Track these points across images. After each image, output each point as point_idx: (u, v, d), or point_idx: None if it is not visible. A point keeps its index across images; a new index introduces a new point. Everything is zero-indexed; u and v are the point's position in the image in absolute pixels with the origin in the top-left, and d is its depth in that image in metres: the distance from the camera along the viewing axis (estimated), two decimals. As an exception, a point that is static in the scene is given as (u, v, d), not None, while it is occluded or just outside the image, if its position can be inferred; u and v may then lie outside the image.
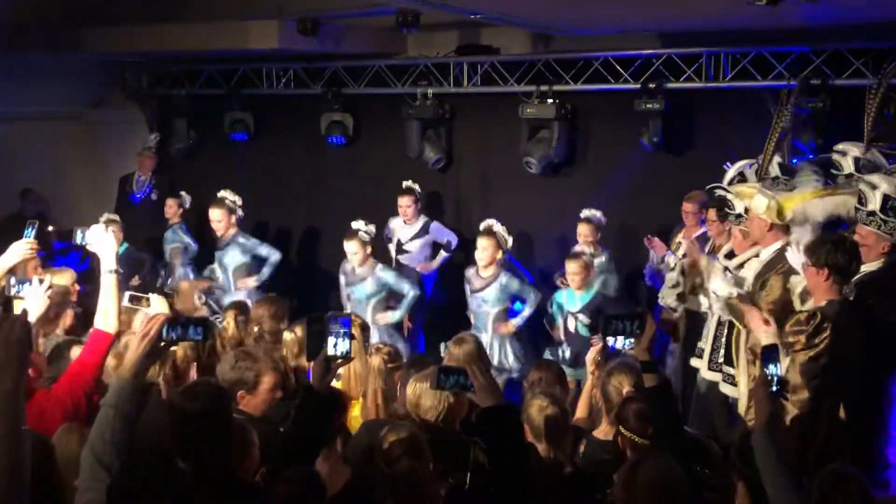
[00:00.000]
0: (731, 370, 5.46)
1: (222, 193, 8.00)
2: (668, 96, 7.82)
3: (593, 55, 8.17)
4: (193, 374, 4.22)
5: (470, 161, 9.19)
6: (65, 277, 5.18)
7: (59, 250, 7.98)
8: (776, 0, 4.87)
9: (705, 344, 5.74)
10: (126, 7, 8.52)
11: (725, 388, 5.51)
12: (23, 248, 4.14)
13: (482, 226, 7.12)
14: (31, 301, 4.15)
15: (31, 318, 4.10)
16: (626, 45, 8.08)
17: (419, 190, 8.44)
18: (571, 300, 6.79)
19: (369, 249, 7.18)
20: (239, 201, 7.98)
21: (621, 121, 8.23)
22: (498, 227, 7.02)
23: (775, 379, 3.31)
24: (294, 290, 8.40)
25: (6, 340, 2.30)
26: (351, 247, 7.13)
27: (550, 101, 8.26)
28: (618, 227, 8.50)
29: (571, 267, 6.69)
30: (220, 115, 9.89)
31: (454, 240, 8.38)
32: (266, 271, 7.94)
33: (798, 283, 4.85)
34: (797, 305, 4.80)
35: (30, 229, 4.19)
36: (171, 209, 8.87)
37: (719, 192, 5.80)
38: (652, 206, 8.18)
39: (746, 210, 5.35)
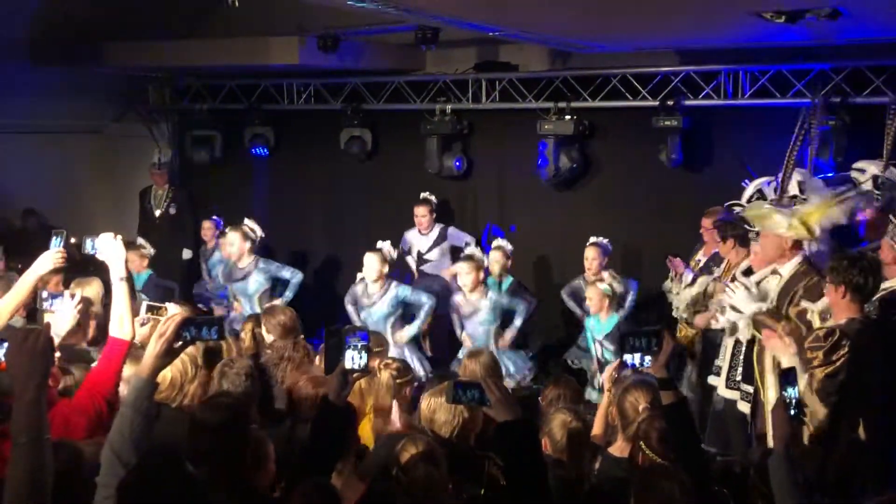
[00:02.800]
0: (749, 388, 5.42)
1: (246, 222, 7.82)
2: (687, 113, 7.81)
3: (611, 72, 8.19)
4: None
5: (488, 177, 9.21)
6: (93, 288, 5.21)
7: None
8: (795, 17, 4.87)
9: (722, 362, 5.70)
10: (148, 22, 8.62)
11: (743, 407, 5.47)
12: (52, 257, 4.19)
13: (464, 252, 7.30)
14: (61, 316, 4.20)
15: (61, 333, 4.16)
16: (645, 61, 8.10)
17: (435, 200, 8.49)
18: (598, 326, 6.87)
19: (386, 269, 7.14)
20: (259, 232, 7.75)
21: (639, 138, 8.23)
22: (476, 251, 7.22)
23: (793, 401, 3.28)
24: (313, 305, 8.41)
25: (30, 352, 2.34)
26: (372, 261, 7.04)
27: (568, 117, 8.28)
28: (636, 243, 8.49)
29: (588, 293, 6.81)
30: (241, 129, 9.97)
31: (472, 241, 8.37)
32: (289, 294, 7.74)
33: (818, 302, 4.81)
34: (817, 323, 4.77)
35: (57, 239, 4.22)
36: (209, 231, 8.87)
37: (736, 209, 5.80)
38: (670, 223, 8.16)
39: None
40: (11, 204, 9.48)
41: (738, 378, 5.60)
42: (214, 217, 8.96)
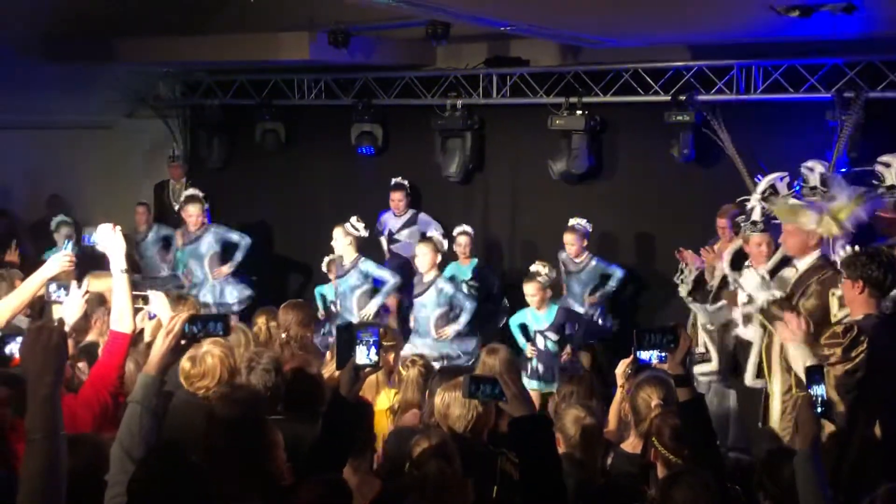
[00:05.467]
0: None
1: (194, 191, 8.42)
2: (699, 108, 7.77)
3: (623, 67, 8.15)
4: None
5: (498, 172, 9.19)
6: (105, 283, 5.22)
7: None
8: (810, 11, 4.83)
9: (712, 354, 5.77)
10: (159, 18, 8.62)
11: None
12: (61, 260, 4.20)
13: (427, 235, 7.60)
14: (69, 305, 4.22)
15: (69, 323, 4.17)
16: (657, 56, 8.06)
17: (408, 184, 8.85)
18: (536, 319, 6.92)
19: (349, 241, 7.48)
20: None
21: (651, 133, 8.19)
22: (436, 234, 7.51)
23: (820, 399, 3.25)
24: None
25: (44, 347, 2.34)
26: (336, 233, 7.46)
27: (580, 112, 8.25)
28: (648, 238, 8.46)
29: (529, 289, 6.83)
30: (252, 125, 9.97)
31: (439, 227, 8.55)
32: (238, 256, 8.37)
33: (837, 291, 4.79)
34: (834, 309, 4.74)
35: (68, 242, 4.25)
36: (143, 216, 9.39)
37: (749, 204, 5.79)
38: (682, 218, 8.13)
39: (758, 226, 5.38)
40: (20, 199, 9.54)
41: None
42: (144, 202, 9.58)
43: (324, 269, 8.22)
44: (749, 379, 5.64)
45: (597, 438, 3.81)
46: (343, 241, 7.41)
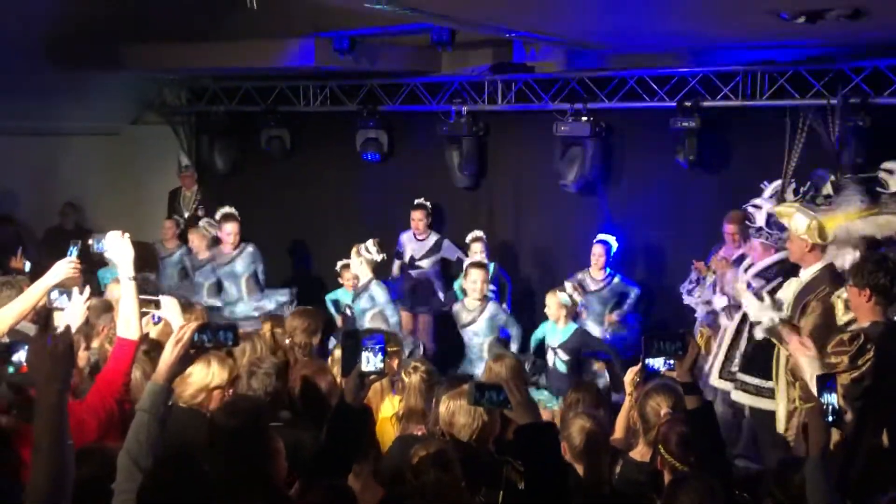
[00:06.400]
0: (746, 378, 5.45)
1: (230, 209, 8.22)
2: (704, 114, 7.76)
3: (628, 73, 8.14)
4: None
5: (503, 178, 9.19)
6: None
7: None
8: (816, 17, 4.81)
9: (718, 350, 5.76)
10: (165, 25, 8.64)
11: (738, 396, 5.51)
12: (66, 267, 4.20)
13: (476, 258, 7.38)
14: (71, 312, 4.21)
15: (71, 329, 4.16)
16: (662, 62, 8.05)
17: (429, 205, 8.73)
18: (553, 333, 6.77)
19: (362, 263, 7.35)
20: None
21: (656, 139, 8.18)
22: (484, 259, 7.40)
23: (831, 408, 3.24)
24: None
25: (52, 355, 2.33)
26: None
27: (585, 118, 8.25)
28: (653, 245, 8.45)
29: (549, 301, 6.67)
30: (257, 131, 9.98)
31: (463, 256, 8.44)
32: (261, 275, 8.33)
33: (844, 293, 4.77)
34: (839, 313, 4.73)
35: (73, 248, 4.24)
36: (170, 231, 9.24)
37: (752, 209, 5.80)
38: (688, 224, 8.12)
39: (769, 223, 5.38)
40: (28, 205, 9.57)
41: (734, 369, 5.67)
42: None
43: (337, 269, 8.16)
44: (714, 378, 5.68)
45: (602, 446, 3.79)
46: (356, 260, 7.32)
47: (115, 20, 8.29)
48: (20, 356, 2.78)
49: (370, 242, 7.32)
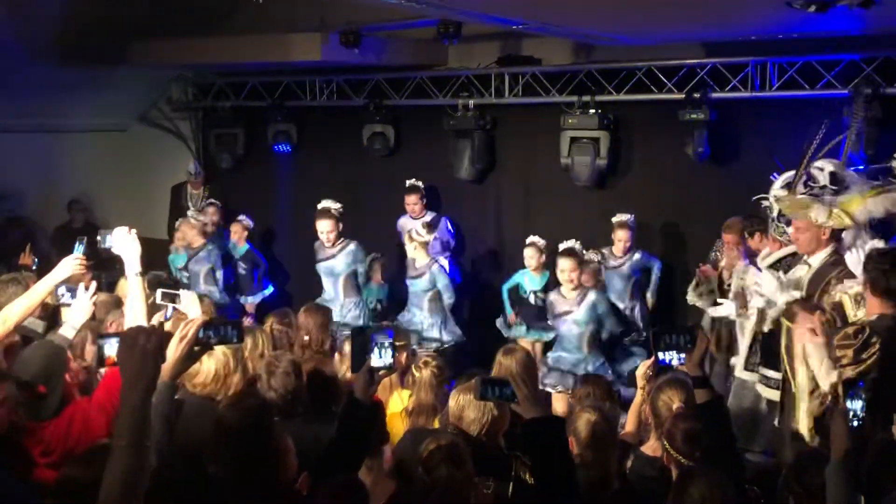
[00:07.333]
0: (769, 372, 5.41)
1: (329, 203, 7.79)
2: (714, 106, 7.71)
3: (636, 65, 8.09)
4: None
5: (511, 172, 9.16)
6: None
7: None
8: (826, 6, 4.76)
9: (741, 344, 5.71)
10: (171, 21, 8.64)
11: (762, 390, 5.47)
12: (72, 263, 4.20)
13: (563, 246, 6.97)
14: (77, 308, 4.20)
15: (77, 325, 4.16)
16: (670, 54, 7.99)
17: (423, 186, 8.67)
18: (534, 281, 7.67)
19: (341, 227, 7.71)
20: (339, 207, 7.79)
21: (665, 131, 8.13)
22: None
23: (856, 413, 3.23)
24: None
25: (141, 352, 2.24)
26: (323, 225, 7.62)
27: (593, 111, 8.20)
28: (662, 237, 8.41)
29: (528, 252, 7.64)
30: (264, 126, 9.97)
31: (452, 241, 8.59)
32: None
33: (852, 286, 4.73)
34: (849, 309, 4.68)
35: (79, 245, 4.24)
36: (237, 234, 8.96)
37: (764, 203, 5.74)
38: (697, 216, 8.08)
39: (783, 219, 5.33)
40: (35, 202, 9.58)
41: (757, 361, 5.59)
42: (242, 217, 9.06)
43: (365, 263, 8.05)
44: (739, 370, 5.64)
45: (609, 441, 3.76)
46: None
47: (122, 17, 8.30)
48: (109, 350, 2.67)
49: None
